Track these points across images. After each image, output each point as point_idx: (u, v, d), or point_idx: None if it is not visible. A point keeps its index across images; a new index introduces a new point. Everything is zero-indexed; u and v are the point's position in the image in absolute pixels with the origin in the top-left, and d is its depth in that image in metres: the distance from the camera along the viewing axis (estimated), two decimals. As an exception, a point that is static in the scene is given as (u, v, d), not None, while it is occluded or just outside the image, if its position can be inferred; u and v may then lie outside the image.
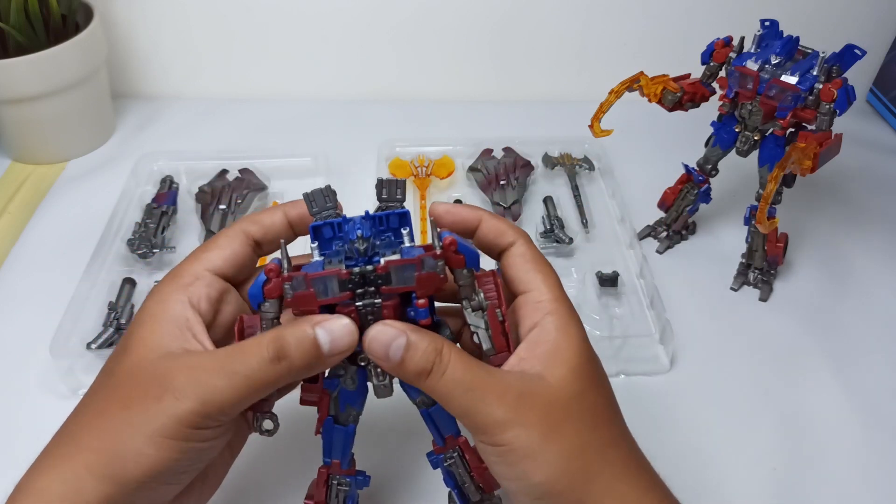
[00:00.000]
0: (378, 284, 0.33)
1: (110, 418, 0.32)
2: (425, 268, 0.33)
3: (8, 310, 0.60)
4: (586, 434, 0.33)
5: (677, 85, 0.59)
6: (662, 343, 0.57)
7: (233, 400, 0.32)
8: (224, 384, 0.32)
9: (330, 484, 0.39)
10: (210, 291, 0.36)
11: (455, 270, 0.35)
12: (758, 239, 0.61)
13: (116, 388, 0.33)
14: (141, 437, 0.31)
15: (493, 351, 0.36)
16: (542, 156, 0.76)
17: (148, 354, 0.33)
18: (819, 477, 0.50)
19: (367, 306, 0.34)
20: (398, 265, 0.33)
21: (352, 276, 0.33)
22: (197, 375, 0.32)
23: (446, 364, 0.33)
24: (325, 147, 0.75)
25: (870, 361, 0.58)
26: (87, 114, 0.77)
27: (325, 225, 0.35)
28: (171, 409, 0.31)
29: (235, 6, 0.81)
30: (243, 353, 0.33)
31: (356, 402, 0.38)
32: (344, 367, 0.36)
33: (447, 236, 0.34)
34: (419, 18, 0.82)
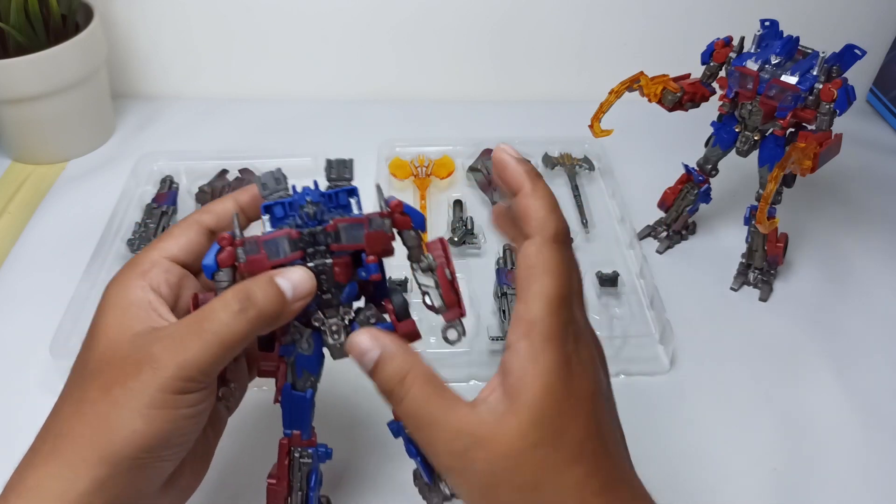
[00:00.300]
0: (328, 243, 0.35)
1: (93, 404, 0.32)
2: (373, 226, 0.35)
3: (8, 310, 0.60)
4: (523, 497, 0.31)
5: (677, 85, 0.59)
6: (662, 343, 0.58)
7: (210, 358, 0.32)
8: (198, 344, 0.32)
9: (292, 457, 0.40)
10: (168, 277, 0.36)
11: (402, 233, 0.37)
12: (758, 239, 0.61)
13: (93, 376, 0.33)
14: (128, 414, 0.32)
15: (445, 308, 0.37)
16: (542, 156, 0.76)
17: (117, 338, 0.34)
18: (819, 477, 0.50)
19: (318, 266, 0.35)
20: (347, 223, 0.35)
21: (302, 236, 0.35)
22: (170, 343, 0.33)
23: (406, 392, 0.33)
24: (325, 147, 0.74)
25: (870, 361, 0.58)
26: (87, 114, 0.77)
27: (277, 204, 0.36)
28: (152, 380, 0.32)
29: (235, 6, 0.81)
30: (211, 310, 0.33)
31: (313, 368, 0.38)
32: (300, 330, 0.37)
33: (394, 199, 0.36)
34: (419, 18, 0.82)
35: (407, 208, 0.36)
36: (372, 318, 0.37)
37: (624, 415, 0.45)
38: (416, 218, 0.37)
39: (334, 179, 0.38)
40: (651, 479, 0.49)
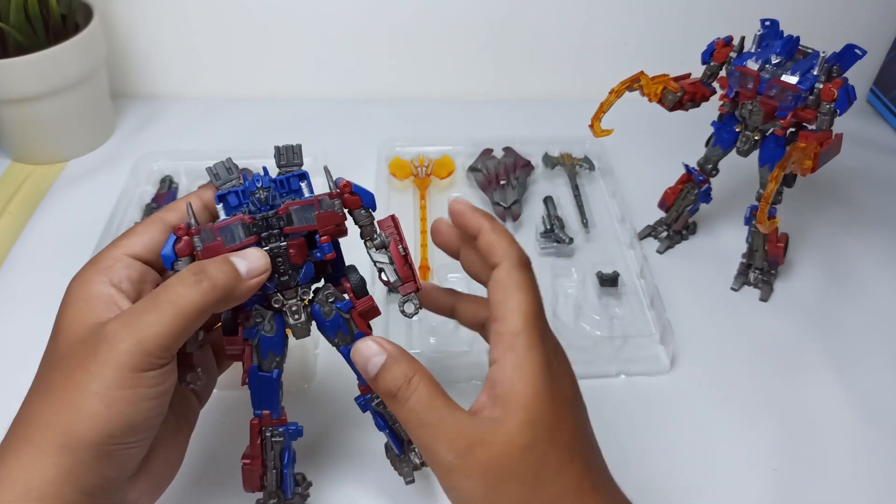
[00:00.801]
0: (281, 227, 0.37)
1: (56, 391, 0.33)
2: (323, 207, 0.37)
3: (8, 310, 0.60)
4: (527, 493, 0.33)
5: (678, 85, 0.59)
6: (663, 343, 0.57)
7: (166, 330, 0.33)
8: (154, 316, 0.33)
9: (264, 437, 0.40)
10: (131, 273, 0.37)
11: (354, 212, 0.38)
12: (758, 239, 0.61)
13: (57, 365, 0.34)
14: (89, 398, 0.32)
15: (400, 282, 0.39)
16: (542, 156, 0.76)
17: (79, 329, 0.34)
18: (819, 477, 0.50)
19: (273, 249, 0.37)
20: (297, 206, 0.37)
21: (255, 221, 0.36)
22: (125, 318, 0.33)
23: (411, 393, 0.34)
24: (325, 147, 0.75)
25: (870, 361, 0.58)
26: (86, 114, 0.76)
27: (230, 193, 0.37)
28: (110, 357, 0.32)
29: (235, 6, 0.81)
30: (166, 285, 0.34)
31: (277, 348, 0.39)
32: (261, 313, 0.38)
33: (342, 180, 0.38)
34: (419, 18, 0.82)
35: (356, 188, 0.38)
36: (331, 296, 0.39)
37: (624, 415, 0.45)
38: (366, 197, 0.38)
39: (284, 166, 0.39)
40: (651, 479, 0.49)
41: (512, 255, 0.37)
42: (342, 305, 0.39)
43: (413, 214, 0.69)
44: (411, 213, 0.69)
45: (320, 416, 0.51)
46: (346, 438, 0.50)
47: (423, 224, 0.67)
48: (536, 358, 0.34)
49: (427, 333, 0.57)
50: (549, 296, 0.61)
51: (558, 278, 0.63)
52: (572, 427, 0.35)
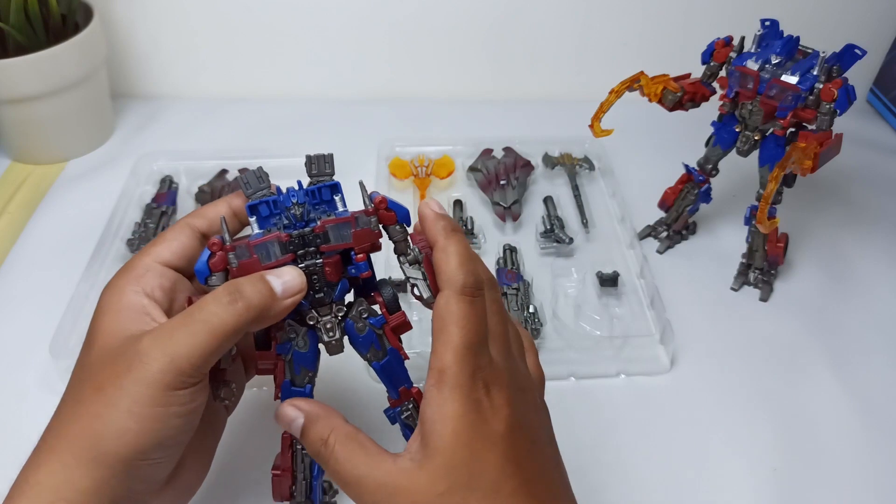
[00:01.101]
0: (317, 244, 0.36)
1: (87, 404, 0.33)
2: (359, 224, 0.36)
3: (8, 310, 0.60)
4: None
5: (677, 85, 0.59)
6: (663, 343, 0.57)
7: (199, 349, 0.33)
8: (187, 335, 0.33)
9: (294, 449, 0.40)
10: (163, 281, 0.37)
11: (388, 228, 0.38)
12: (758, 239, 0.61)
13: (89, 377, 0.34)
14: (119, 414, 0.32)
15: (433, 299, 0.37)
16: (542, 156, 0.76)
17: (111, 340, 0.34)
18: (819, 477, 0.50)
19: (309, 266, 0.36)
20: (334, 223, 0.36)
21: (292, 239, 0.36)
22: (159, 336, 0.33)
23: (329, 453, 0.34)
24: (325, 147, 0.74)
25: (870, 361, 0.58)
26: (86, 114, 0.76)
27: (261, 203, 0.37)
28: (142, 375, 0.32)
29: (236, 6, 0.81)
30: (201, 304, 0.34)
31: (310, 364, 0.39)
32: (295, 329, 0.38)
33: (377, 195, 0.37)
34: (419, 18, 0.82)
35: (391, 203, 0.37)
36: (364, 312, 0.38)
37: (624, 415, 0.45)
38: (401, 212, 0.38)
39: (316, 175, 0.38)
40: (651, 479, 0.49)
41: (455, 281, 0.35)
42: (375, 322, 0.38)
43: (413, 215, 0.68)
44: (411, 214, 0.69)
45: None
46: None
47: (423, 224, 0.67)
48: (459, 397, 0.33)
49: (426, 334, 0.57)
50: (549, 296, 0.61)
51: (558, 278, 0.63)
52: (500, 465, 0.33)
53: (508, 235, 0.68)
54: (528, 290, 0.60)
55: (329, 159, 0.39)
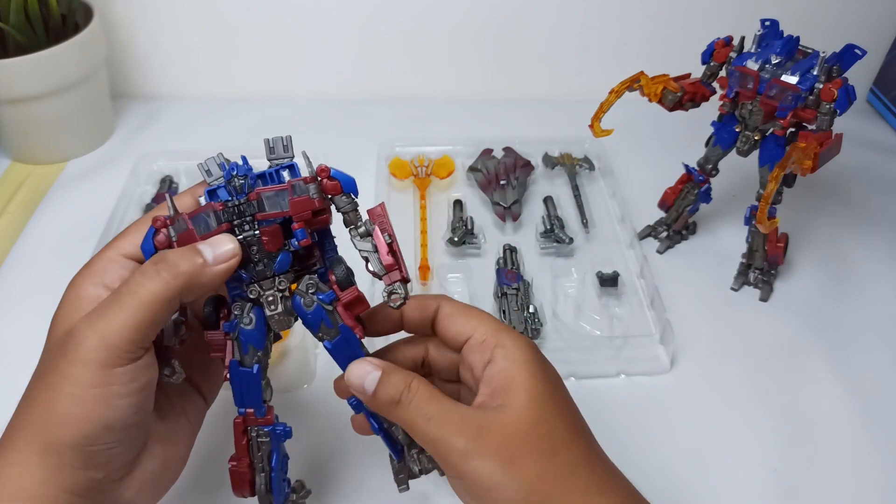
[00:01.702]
0: (253, 214, 0.36)
1: (34, 393, 0.33)
2: (297, 192, 0.35)
3: (8, 310, 0.60)
4: (544, 463, 0.33)
5: (678, 85, 0.59)
6: (663, 343, 0.57)
7: (130, 323, 0.32)
8: (116, 310, 0.32)
9: (250, 437, 0.39)
10: (123, 273, 0.36)
11: (334, 198, 0.37)
12: (758, 239, 0.61)
13: (39, 368, 0.34)
14: (62, 398, 0.32)
15: (384, 270, 0.37)
16: (542, 156, 0.76)
17: (59, 330, 0.34)
18: (819, 477, 0.50)
19: (247, 237, 0.36)
20: (269, 192, 0.36)
21: (227, 207, 0.36)
22: (91, 316, 0.33)
23: (414, 394, 0.35)
24: (325, 147, 0.75)
25: (870, 361, 0.58)
26: (86, 114, 0.76)
27: (220, 188, 0.37)
28: (77, 356, 0.32)
29: (236, 6, 0.81)
30: (129, 278, 0.34)
31: (258, 342, 0.38)
32: (240, 305, 0.37)
33: (321, 165, 0.36)
34: (419, 18, 0.82)
35: (335, 172, 0.36)
36: (311, 287, 0.37)
37: (624, 415, 0.45)
38: (346, 181, 0.37)
39: (274, 158, 0.38)
40: (651, 479, 0.49)
41: (445, 296, 0.39)
42: (325, 297, 0.37)
43: (413, 214, 0.69)
44: (411, 213, 0.69)
45: (320, 417, 0.51)
46: (346, 440, 0.50)
47: (424, 224, 0.67)
48: (524, 345, 0.36)
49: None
50: (549, 296, 0.61)
51: (558, 278, 0.63)
52: (570, 405, 0.36)
53: (508, 235, 0.68)
54: (528, 290, 0.60)
55: (287, 141, 0.38)
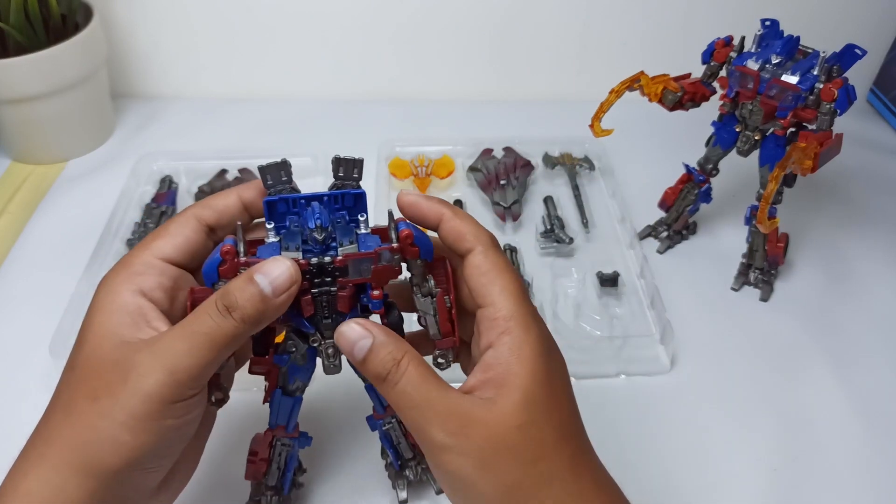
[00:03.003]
0: (335, 276, 0.35)
1: (79, 412, 0.32)
2: (382, 261, 0.35)
3: (8, 310, 0.60)
4: (522, 470, 0.32)
5: (678, 84, 0.59)
6: (663, 343, 0.57)
7: (198, 361, 0.32)
8: (186, 347, 0.32)
9: (274, 444, 0.41)
10: (163, 280, 0.35)
11: (410, 262, 0.36)
12: (758, 239, 0.61)
13: (80, 381, 0.33)
14: (114, 425, 0.31)
15: (439, 336, 0.37)
16: (542, 155, 0.76)
17: (105, 344, 0.33)
18: (819, 477, 0.50)
19: (322, 293, 0.35)
20: (356, 259, 0.34)
21: (310, 267, 0.34)
22: (157, 347, 0.32)
23: (401, 375, 0.33)
24: (325, 147, 0.74)
25: (870, 361, 0.58)
26: (87, 114, 0.76)
27: (280, 200, 0.35)
28: (140, 387, 0.31)
29: (236, 6, 0.81)
30: (197, 314, 0.33)
31: (305, 376, 0.39)
32: (296, 344, 0.37)
33: (403, 228, 0.35)
34: (419, 18, 0.82)
35: (417, 239, 0.35)
36: None
37: (624, 415, 0.45)
38: (425, 248, 0.36)
39: (342, 178, 0.37)
40: (650, 479, 0.49)
41: (484, 238, 0.36)
42: None
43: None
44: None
45: (318, 417, 0.51)
46: (344, 442, 0.50)
47: (423, 224, 0.67)
48: (533, 340, 0.34)
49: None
50: (549, 296, 0.61)
51: (558, 278, 0.63)
52: (567, 408, 0.35)
53: (508, 235, 0.68)
54: (528, 290, 0.60)
55: (358, 165, 0.36)
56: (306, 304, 0.35)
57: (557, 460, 0.33)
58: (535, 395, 0.33)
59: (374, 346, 0.34)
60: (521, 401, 0.33)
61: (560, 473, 0.33)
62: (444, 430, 0.32)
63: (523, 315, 0.34)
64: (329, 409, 0.52)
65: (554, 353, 0.35)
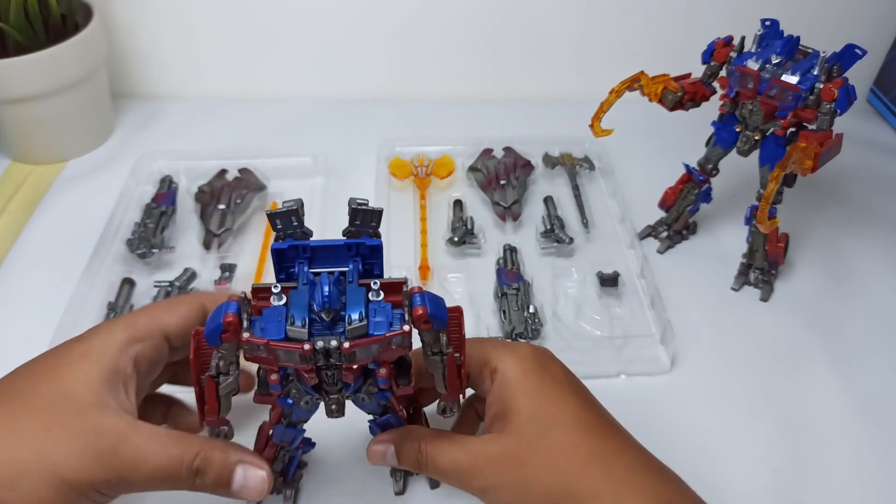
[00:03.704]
0: (341, 359, 0.33)
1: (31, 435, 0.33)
2: (392, 345, 0.33)
3: (8, 310, 0.60)
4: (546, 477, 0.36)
5: (678, 84, 0.59)
6: (663, 343, 0.57)
7: (139, 477, 0.33)
8: (148, 464, 0.33)
9: (278, 452, 0.42)
10: (154, 354, 0.38)
11: (422, 332, 0.35)
12: (758, 239, 0.61)
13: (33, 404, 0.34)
14: (44, 468, 0.32)
15: (445, 391, 0.38)
16: (542, 155, 0.76)
17: (83, 391, 0.34)
18: (819, 477, 0.50)
19: (328, 369, 0.34)
20: (364, 345, 0.32)
21: (316, 352, 0.33)
22: (132, 442, 0.33)
23: (425, 458, 0.39)
24: (325, 147, 0.75)
25: (870, 361, 0.58)
26: (86, 114, 0.76)
27: (289, 247, 0.35)
28: (86, 447, 0.33)
29: (236, 6, 0.81)
30: (173, 449, 0.34)
31: (307, 415, 0.40)
32: (301, 394, 0.37)
33: (418, 305, 0.33)
34: (419, 18, 0.82)
35: (431, 317, 0.33)
36: (372, 387, 0.38)
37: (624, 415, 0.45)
38: (439, 324, 0.35)
39: (358, 227, 0.35)
40: (651, 480, 0.49)
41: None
42: (381, 396, 0.39)
43: (413, 214, 0.69)
44: (411, 213, 0.69)
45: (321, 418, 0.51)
46: (342, 441, 0.50)
47: (424, 224, 0.67)
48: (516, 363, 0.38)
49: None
50: (549, 296, 0.61)
51: (558, 278, 0.63)
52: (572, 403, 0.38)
53: (508, 235, 0.68)
54: (528, 290, 0.60)
55: (377, 215, 0.35)
56: (310, 378, 0.35)
57: (579, 457, 0.36)
58: (534, 407, 0.37)
59: (397, 451, 0.40)
60: (524, 420, 0.37)
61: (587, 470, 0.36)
62: (478, 479, 0.37)
63: (496, 349, 0.39)
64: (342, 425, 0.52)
65: (547, 364, 0.39)
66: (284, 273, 0.35)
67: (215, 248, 0.63)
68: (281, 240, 0.35)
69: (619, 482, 0.35)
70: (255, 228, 0.67)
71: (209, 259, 0.63)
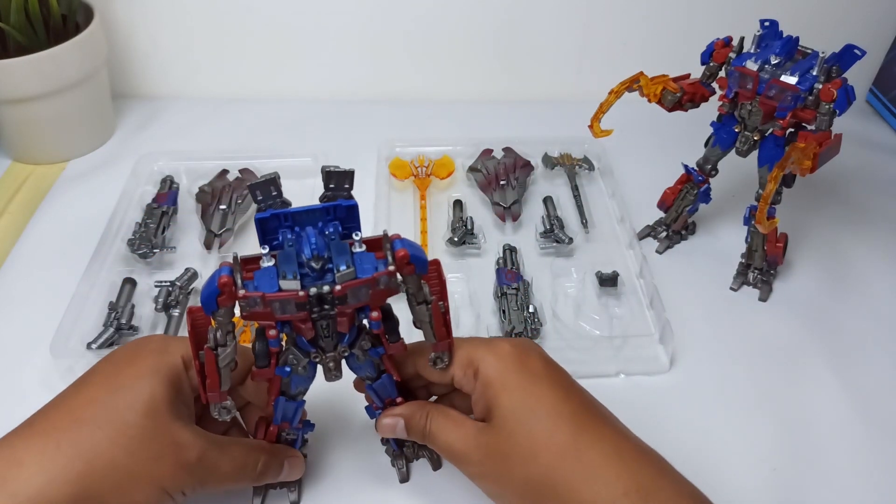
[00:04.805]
0: (333, 303, 0.35)
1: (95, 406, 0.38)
2: (380, 286, 0.35)
3: (8, 310, 0.60)
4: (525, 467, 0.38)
5: (677, 85, 0.59)
6: (662, 343, 0.58)
7: (215, 481, 0.40)
8: (222, 471, 0.40)
9: (279, 434, 0.43)
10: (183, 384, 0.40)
11: (406, 278, 0.37)
12: (757, 239, 0.61)
13: (130, 421, 0.37)
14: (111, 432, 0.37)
15: (434, 340, 0.39)
16: (542, 156, 0.76)
17: (162, 407, 0.38)
18: (819, 477, 0.50)
19: (322, 317, 0.36)
20: (355, 286, 0.34)
21: (310, 299, 0.34)
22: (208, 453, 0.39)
23: (428, 432, 0.41)
24: (325, 147, 0.75)
25: (870, 361, 0.58)
26: (87, 114, 0.77)
27: (271, 217, 0.36)
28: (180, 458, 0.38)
29: (236, 7, 0.81)
30: (243, 458, 0.41)
31: (306, 383, 0.41)
32: (297, 358, 0.38)
33: (399, 248, 0.35)
34: (419, 19, 0.82)
35: (413, 258, 0.36)
36: (366, 344, 0.39)
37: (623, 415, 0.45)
38: (421, 264, 0.36)
39: (333, 190, 0.37)
40: (651, 479, 0.49)
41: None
42: (374, 353, 0.40)
43: (413, 214, 0.69)
44: (411, 213, 0.69)
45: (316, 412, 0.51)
46: (344, 433, 0.50)
47: (424, 224, 0.67)
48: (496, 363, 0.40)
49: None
50: (549, 296, 0.61)
51: (558, 278, 0.63)
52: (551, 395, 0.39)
53: (508, 235, 0.68)
54: (527, 290, 0.60)
55: (349, 176, 0.37)
56: (307, 330, 0.36)
57: (555, 448, 0.38)
58: (514, 401, 0.39)
59: (408, 421, 0.42)
60: (504, 414, 0.38)
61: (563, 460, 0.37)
62: (468, 465, 0.40)
63: (477, 349, 0.41)
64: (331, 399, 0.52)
65: (527, 359, 0.40)
66: (269, 245, 0.36)
67: (216, 248, 0.63)
68: (262, 210, 0.36)
69: (595, 471, 0.37)
70: (255, 228, 0.67)
71: (210, 259, 0.63)
